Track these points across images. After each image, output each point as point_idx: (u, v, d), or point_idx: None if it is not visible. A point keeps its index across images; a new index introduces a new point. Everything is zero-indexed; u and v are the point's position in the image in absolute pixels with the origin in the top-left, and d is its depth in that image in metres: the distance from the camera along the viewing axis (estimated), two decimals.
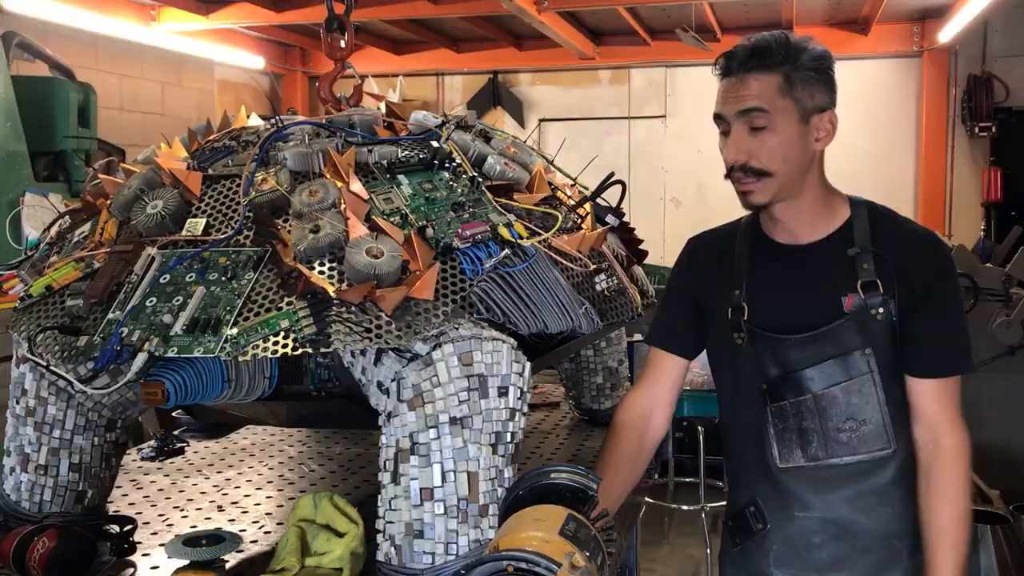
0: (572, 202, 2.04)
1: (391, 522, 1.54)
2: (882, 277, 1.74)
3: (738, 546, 1.91)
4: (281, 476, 2.27)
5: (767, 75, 1.72)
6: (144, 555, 1.75)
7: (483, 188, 1.73)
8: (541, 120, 8.92)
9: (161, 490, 2.16)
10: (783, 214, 1.81)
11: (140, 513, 1.98)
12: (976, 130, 7.77)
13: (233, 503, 2.07)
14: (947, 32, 7.25)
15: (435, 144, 1.82)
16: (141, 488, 2.17)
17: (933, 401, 1.76)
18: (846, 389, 1.74)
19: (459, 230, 1.60)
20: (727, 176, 1.79)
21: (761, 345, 1.80)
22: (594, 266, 1.88)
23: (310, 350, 1.44)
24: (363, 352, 1.58)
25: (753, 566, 1.87)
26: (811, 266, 1.80)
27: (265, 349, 1.44)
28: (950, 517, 1.73)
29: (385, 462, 1.55)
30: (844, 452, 1.76)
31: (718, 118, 1.78)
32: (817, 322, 1.75)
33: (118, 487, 2.10)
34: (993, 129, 7.73)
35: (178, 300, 1.53)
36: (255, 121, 2.06)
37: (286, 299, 1.49)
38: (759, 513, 1.86)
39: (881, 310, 1.73)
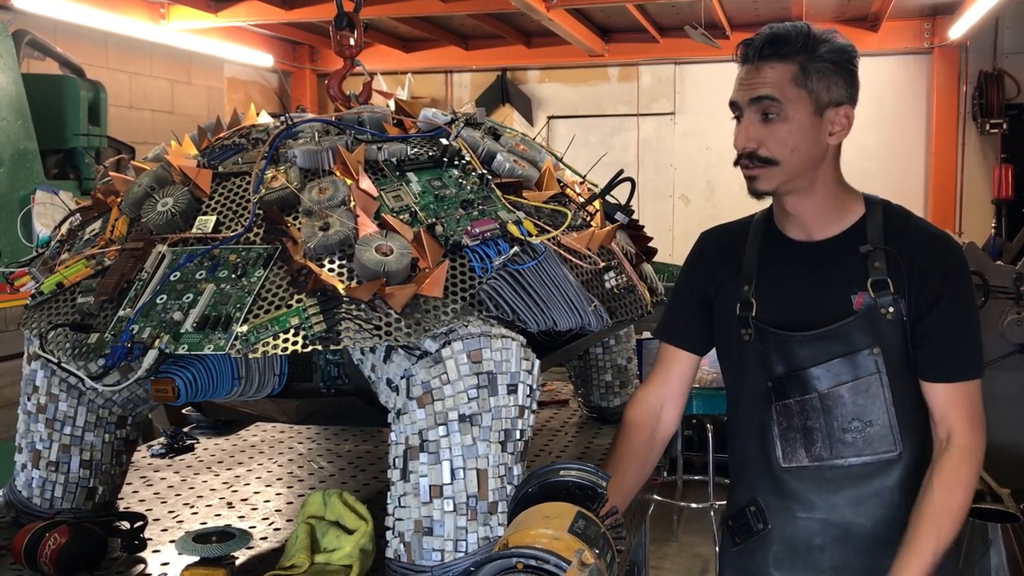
0: (581, 199, 2.03)
1: (400, 519, 1.54)
2: (893, 276, 1.72)
3: (738, 546, 1.89)
4: (291, 473, 2.28)
5: (783, 64, 1.71)
6: (154, 551, 1.75)
7: (492, 185, 1.73)
8: (550, 117, 8.91)
9: (171, 487, 2.16)
10: (795, 207, 1.79)
11: (150, 510, 1.98)
12: (987, 127, 7.73)
13: (243, 500, 2.07)
14: (958, 28, 7.21)
15: (444, 142, 1.82)
16: (151, 485, 2.18)
17: (947, 404, 1.73)
18: (853, 389, 1.72)
19: (468, 228, 1.60)
20: (736, 163, 1.77)
21: (768, 342, 1.78)
22: (603, 264, 1.88)
23: (320, 347, 1.44)
24: (372, 349, 1.58)
25: (753, 566, 1.86)
26: (822, 263, 1.79)
27: (275, 346, 1.44)
28: (943, 504, 1.68)
29: (394, 459, 1.56)
30: (849, 453, 1.74)
31: (733, 105, 1.77)
32: (826, 320, 1.74)
33: (128, 484, 2.10)
34: (1004, 126, 7.69)
35: (188, 297, 1.53)
36: (264, 119, 2.07)
37: (296, 296, 1.49)
38: (760, 513, 1.84)
39: (891, 309, 1.71)
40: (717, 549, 4.67)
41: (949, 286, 1.72)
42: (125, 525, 1.76)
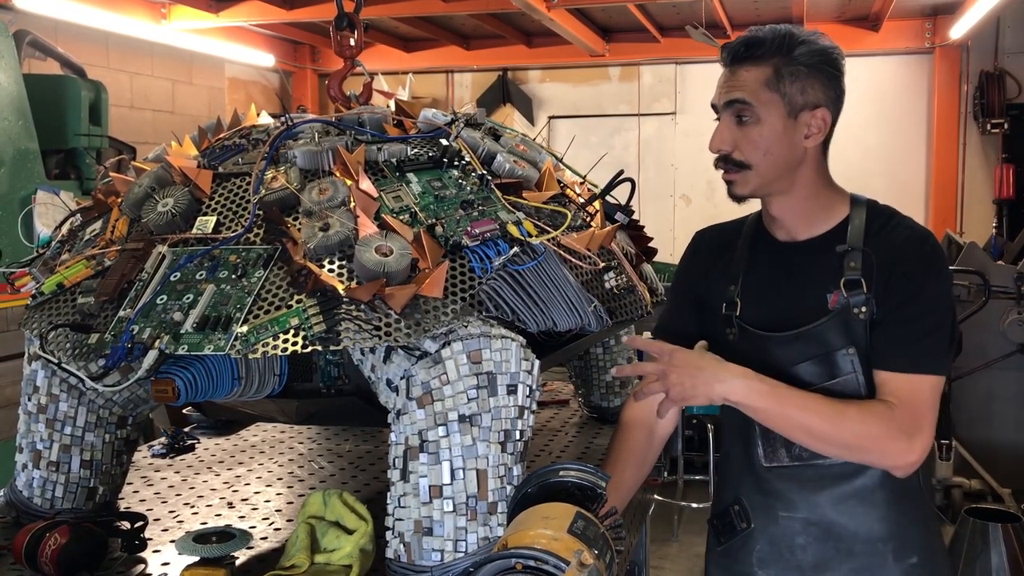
0: (581, 200, 2.04)
1: (400, 519, 1.54)
2: (868, 276, 1.70)
3: (722, 545, 1.90)
4: (291, 473, 2.28)
5: (757, 67, 1.72)
6: (155, 551, 1.76)
7: (492, 186, 1.73)
8: (550, 117, 8.91)
9: (171, 487, 2.17)
10: (776, 209, 1.81)
11: (151, 510, 1.99)
12: (988, 127, 7.73)
13: (243, 500, 2.08)
14: (959, 28, 7.21)
15: (444, 142, 1.82)
16: (152, 485, 2.18)
17: (891, 396, 1.66)
18: (830, 389, 1.70)
19: (468, 228, 1.60)
20: (715, 165, 1.79)
21: (749, 342, 1.79)
22: (603, 264, 1.88)
23: (320, 348, 1.44)
24: (372, 350, 1.58)
25: (737, 566, 1.86)
26: (803, 264, 1.79)
27: (275, 347, 1.44)
28: (858, 418, 1.62)
29: (394, 459, 1.56)
30: None
31: (714, 108, 1.80)
32: (804, 320, 1.73)
33: (129, 484, 2.11)
34: (1005, 126, 7.68)
35: (188, 298, 1.54)
36: (265, 119, 2.07)
37: (296, 297, 1.49)
38: (743, 512, 1.85)
39: (864, 309, 1.69)
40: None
41: (915, 281, 1.69)
42: (125, 525, 1.76)
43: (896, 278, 1.70)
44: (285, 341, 1.45)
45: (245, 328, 1.47)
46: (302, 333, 1.45)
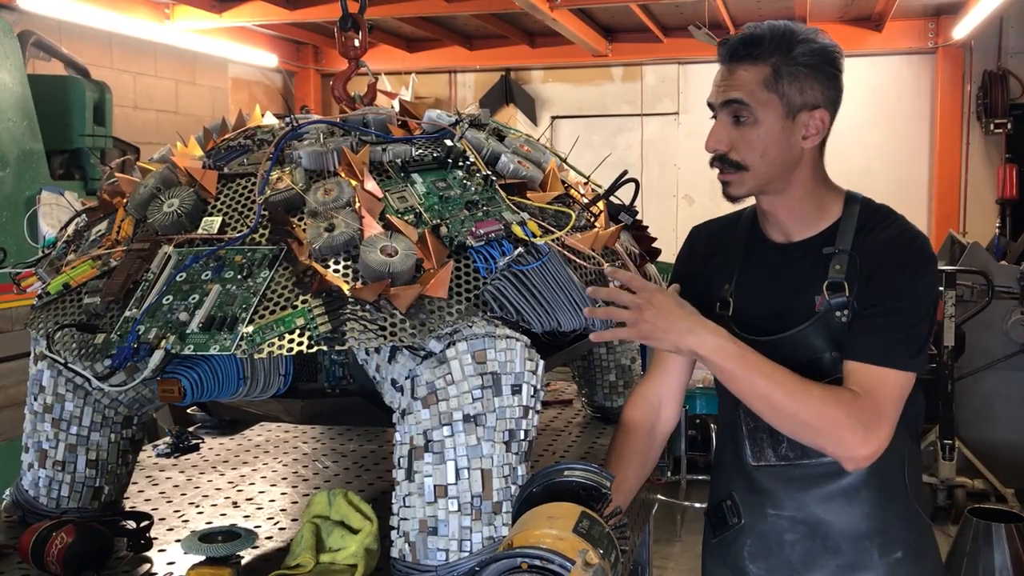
0: (585, 200, 2.04)
1: (405, 519, 1.55)
2: (851, 279, 1.69)
3: (716, 538, 1.93)
4: (295, 473, 2.29)
5: (755, 66, 1.70)
6: (160, 551, 1.76)
7: (496, 186, 1.73)
8: (554, 117, 8.92)
9: (177, 486, 2.17)
10: (771, 208, 1.79)
11: (156, 509, 1.99)
12: (991, 127, 7.72)
13: (248, 499, 2.08)
14: (962, 28, 7.21)
15: (449, 143, 1.82)
16: (157, 484, 2.19)
17: (855, 387, 1.64)
18: None
19: (473, 228, 1.61)
20: (711, 164, 1.77)
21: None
22: (607, 264, 1.89)
23: (325, 348, 1.44)
24: (377, 350, 1.59)
25: (730, 558, 1.89)
26: (794, 265, 1.78)
27: (280, 347, 1.45)
28: (821, 399, 1.59)
29: (399, 459, 1.56)
30: (814, 453, 1.72)
31: (710, 106, 1.78)
32: (792, 323, 1.73)
33: (134, 483, 2.11)
34: (1008, 126, 7.68)
35: (194, 298, 1.54)
36: (270, 120, 2.07)
37: (301, 297, 1.49)
38: (735, 507, 1.87)
39: (845, 311, 1.68)
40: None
41: (896, 278, 1.67)
42: (131, 524, 1.76)
43: (877, 275, 1.68)
44: (291, 341, 1.45)
45: (251, 328, 1.47)
46: (307, 333, 1.45)
